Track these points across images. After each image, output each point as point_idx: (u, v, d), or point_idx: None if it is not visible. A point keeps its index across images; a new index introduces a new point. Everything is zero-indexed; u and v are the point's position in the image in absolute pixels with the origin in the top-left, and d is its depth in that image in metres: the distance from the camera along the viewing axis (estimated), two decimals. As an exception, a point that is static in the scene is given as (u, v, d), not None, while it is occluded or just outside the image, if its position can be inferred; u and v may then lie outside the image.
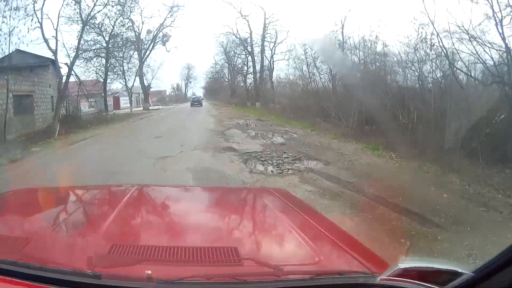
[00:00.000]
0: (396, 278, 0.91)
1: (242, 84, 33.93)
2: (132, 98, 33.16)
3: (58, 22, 14.55)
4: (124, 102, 32.44)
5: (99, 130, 14.50)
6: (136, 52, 25.88)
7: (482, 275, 0.83)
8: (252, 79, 30.29)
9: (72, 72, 15.68)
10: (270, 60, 28.31)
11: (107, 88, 27.80)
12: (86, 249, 1.15)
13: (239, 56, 30.73)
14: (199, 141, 10.74)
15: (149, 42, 26.82)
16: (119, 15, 19.10)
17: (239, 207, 1.87)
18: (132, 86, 26.01)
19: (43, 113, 15.65)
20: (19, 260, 0.95)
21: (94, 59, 19.47)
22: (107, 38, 19.74)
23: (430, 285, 0.88)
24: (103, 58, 20.09)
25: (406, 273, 0.91)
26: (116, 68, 21.38)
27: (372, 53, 13.88)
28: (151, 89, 39.73)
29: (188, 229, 1.46)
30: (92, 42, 19.36)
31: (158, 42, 27.59)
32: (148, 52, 26.67)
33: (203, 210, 1.80)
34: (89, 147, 10.66)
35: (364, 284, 0.93)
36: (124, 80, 24.26)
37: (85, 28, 17.02)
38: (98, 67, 20.24)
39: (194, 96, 40.82)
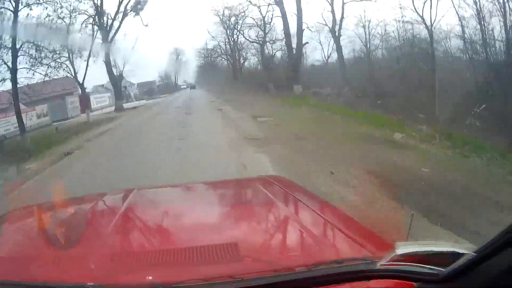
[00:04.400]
0: (396, 263, 0.91)
1: (246, 63, 24.23)
2: (109, 94, 25.20)
3: None
4: (99, 100, 24.37)
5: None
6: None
7: (483, 255, 0.81)
8: (279, 50, 20.99)
9: None
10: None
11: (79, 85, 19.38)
12: (87, 261, 1.14)
13: (247, 15, 21.15)
14: None
15: (116, 11, 18.47)
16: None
17: (237, 200, 1.92)
18: (84, 78, 17.86)
19: None
20: (23, 280, 0.98)
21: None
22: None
23: (431, 267, 0.88)
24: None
25: (406, 258, 0.91)
26: (47, 50, 13.26)
27: None
28: (139, 81, 32.38)
29: (188, 229, 1.46)
30: None
31: (129, 12, 19.25)
32: (118, 23, 18.37)
33: (201, 207, 1.78)
34: None
35: (365, 270, 0.93)
36: (72, 69, 16.27)
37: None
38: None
39: (189, 84, 44.22)
